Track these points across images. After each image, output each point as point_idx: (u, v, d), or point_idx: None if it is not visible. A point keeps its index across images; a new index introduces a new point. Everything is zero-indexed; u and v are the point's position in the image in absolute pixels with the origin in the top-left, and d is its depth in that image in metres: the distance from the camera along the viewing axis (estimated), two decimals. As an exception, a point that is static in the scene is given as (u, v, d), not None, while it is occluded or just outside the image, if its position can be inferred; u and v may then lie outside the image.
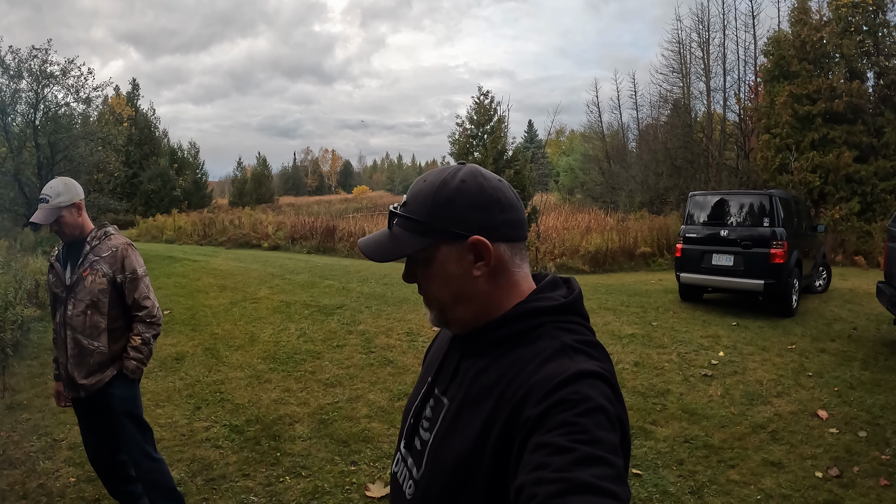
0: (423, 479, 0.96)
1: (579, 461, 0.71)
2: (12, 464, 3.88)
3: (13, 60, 16.93)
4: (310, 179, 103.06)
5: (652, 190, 24.45)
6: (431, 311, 1.02)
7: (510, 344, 0.95)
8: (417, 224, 0.97)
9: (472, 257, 0.96)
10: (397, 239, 0.98)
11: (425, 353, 1.28)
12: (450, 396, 0.99)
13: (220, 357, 6.25)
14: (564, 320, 0.97)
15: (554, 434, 0.75)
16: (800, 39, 16.99)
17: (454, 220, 0.96)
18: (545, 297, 0.99)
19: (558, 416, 0.77)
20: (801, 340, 6.77)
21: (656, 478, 3.68)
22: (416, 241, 0.96)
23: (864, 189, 15.91)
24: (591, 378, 0.83)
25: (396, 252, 0.97)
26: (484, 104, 18.49)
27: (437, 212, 0.96)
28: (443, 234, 0.96)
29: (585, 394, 0.79)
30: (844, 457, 3.94)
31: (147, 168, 37.74)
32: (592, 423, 0.76)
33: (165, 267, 12.70)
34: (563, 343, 0.90)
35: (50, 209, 2.68)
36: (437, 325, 1.05)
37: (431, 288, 0.99)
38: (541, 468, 0.72)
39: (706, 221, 8.73)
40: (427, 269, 0.98)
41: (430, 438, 0.98)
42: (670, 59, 26.07)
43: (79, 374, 2.73)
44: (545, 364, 0.87)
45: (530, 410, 0.81)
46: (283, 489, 3.54)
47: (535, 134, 57.43)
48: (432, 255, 0.97)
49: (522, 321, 0.96)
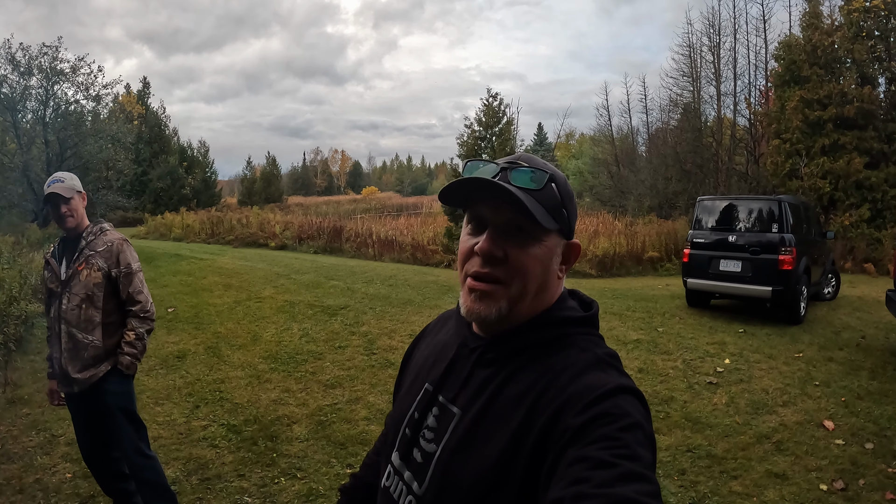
0: (430, 494, 0.91)
1: (622, 477, 0.70)
2: (10, 458, 3.89)
3: (24, 57, 17.03)
4: (319, 180, 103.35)
5: (661, 194, 24.32)
6: (500, 294, 0.92)
7: (535, 352, 0.93)
8: (558, 202, 0.94)
9: (562, 257, 0.97)
10: (533, 206, 0.89)
11: (406, 357, 1.23)
12: (461, 405, 0.95)
13: (222, 356, 6.24)
14: (588, 332, 0.96)
15: (595, 448, 0.74)
16: (811, 44, 16.86)
17: (573, 215, 0.97)
18: (568, 308, 0.98)
19: (599, 430, 0.76)
20: (808, 349, 6.68)
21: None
22: (549, 218, 0.92)
23: (874, 196, 15.75)
24: (629, 394, 0.83)
25: (545, 220, 0.90)
26: (492, 106, 18.40)
27: (568, 201, 0.96)
28: (566, 224, 0.96)
29: (625, 409, 0.79)
30: (850, 469, 3.86)
31: (156, 166, 37.90)
32: (633, 440, 0.75)
33: (172, 265, 12.72)
34: (597, 356, 0.90)
35: (67, 187, 2.77)
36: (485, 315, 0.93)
37: (529, 267, 0.91)
38: (581, 482, 0.70)
39: (714, 226, 8.64)
40: (535, 248, 0.92)
41: (438, 451, 0.93)
42: (681, 63, 25.98)
43: (73, 369, 2.73)
44: (582, 375, 0.86)
45: (569, 421, 0.79)
46: (277, 490, 3.52)
47: (545, 137, 57.17)
48: (546, 239, 0.93)
49: (553, 329, 0.95)
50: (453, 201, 0.96)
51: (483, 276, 0.92)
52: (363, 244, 16.74)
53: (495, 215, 0.91)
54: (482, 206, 0.93)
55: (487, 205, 0.92)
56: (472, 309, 0.93)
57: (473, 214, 0.95)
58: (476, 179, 0.90)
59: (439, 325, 1.18)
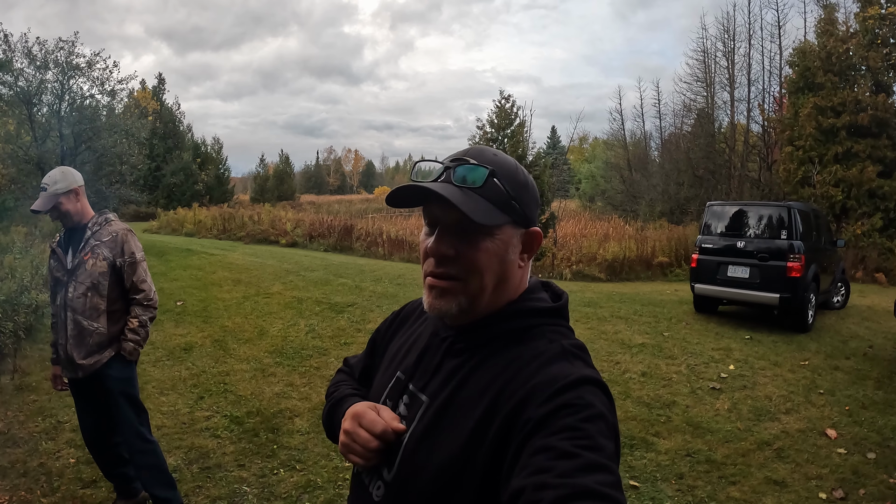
0: (398, 480, 0.93)
1: (584, 467, 0.70)
2: (16, 443, 3.96)
3: (40, 52, 17.22)
4: (332, 179, 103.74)
5: (672, 199, 24.25)
6: (458, 290, 0.93)
7: (503, 342, 0.94)
8: (504, 196, 0.93)
9: (521, 246, 0.97)
10: (476, 202, 0.89)
11: (372, 342, 1.25)
12: (429, 394, 0.96)
13: (228, 349, 6.29)
14: (556, 324, 0.97)
15: (557, 438, 0.74)
16: (826, 51, 16.77)
17: (527, 205, 0.96)
18: (537, 299, 0.99)
19: (562, 420, 0.76)
20: (814, 357, 6.63)
21: (654, 490, 3.62)
22: (496, 213, 0.91)
23: (887, 205, 15.62)
24: (593, 385, 0.83)
25: (488, 217, 0.89)
26: (505, 108, 18.38)
27: (518, 192, 0.95)
28: (519, 215, 0.95)
29: (588, 400, 0.80)
30: (851, 478, 3.84)
31: (170, 162, 38.23)
32: (595, 430, 0.76)
33: (182, 259, 12.82)
34: (563, 347, 0.90)
35: (48, 196, 2.77)
36: (445, 310, 0.94)
37: (482, 263, 0.91)
38: (543, 472, 0.71)
39: (723, 232, 8.59)
40: (486, 243, 0.91)
41: (405, 437, 0.94)
42: (695, 69, 25.96)
43: (77, 355, 2.78)
44: (547, 366, 0.86)
45: (533, 411, 0.79)
46: (276, 481, 3.55)
47: (558, 140, 57.15)
48: (498, 232, 0.92)
49: (520, 319, 0.95)
50: (404, 204, 0.96)
51: (438, 274, 0.93)
52: (373, 243, 16.79)
53: (444, 214, 0.92)
54: (432, 205, 0.94)
55: (435, 204, 0.93)
56: (432, 305, 0.95)
57: (427, 213, 0.96)
58: (411, 186, 0.90)
59: (418, 311, 1.19)
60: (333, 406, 1.14)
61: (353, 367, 1.30)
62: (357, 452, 0.95)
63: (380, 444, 0.93)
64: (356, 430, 0.95)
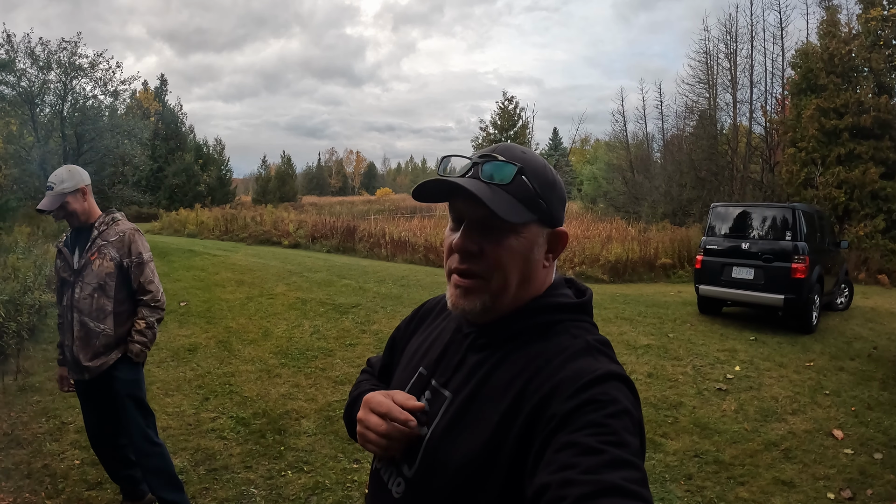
0: (419, 476, 0.92)
1: (609, 464, 0.70)
2: (20, 444, 3.94)
3: (43, 52, 17.26)
4: (333, 180, 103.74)
5: (675, 201, 24.20)
6: (482, 289, 0.92)
7: (526, 337, 0.93)
8: (532, 194, 0.92)
9: (546, 246, 0.96)
10: (503, 199, 0.89)
11: (392, 340, 1.25)
12: (452, 389, 0.95)
13: (233, 350, 6.28)
14: (580, 319, 0.96)
15: (582, 434, 0.74)
16: (828, 52, 16.73)
17: (555, 204, 0.95)
18: (560, 294, 0.98)
19: (587, 416, 0.76)
20: (819, 358, 6.62)
21: (663, 491, 3.61)
22: (523, 210, 0.91)
23: (889, 206, 15.57)
24: (618, 381, 0.82)
25: (515, 214, 0.89)
26: (508, 109, 18.42)
27: (546, 191, 0.94)
28: (545, 214, 0.94)
29: (614, 396, 0.79)
30: (858, 478, 3.83)
31: (172, 162, 38.23)
32: (621, 426, 0.75)
33: (185, 260, 12.81)
34: (588, 342, 0.90)
35: (55, 195, 2.74)
36: (469, 308, 0.94)
37: (506, 261, 0.91)
38: (568, 468, 0.70)
39: (727, 233, 8.58)
40: (512, 240, 0.91)
41: (428, 433, 0.93)
42: (697, 70, 25.84)
43: (84, 357, 2.76)
44: (571, 361, 0.86)
45: (557, 407, 0.79)
46: (284, 483, 3.54)
47: (560, 142, 57.06)
48: (524, 230, 0.92)
49: (544, 315, 0.95)
50: (431, 199, 0.96)
51: (462, 271, 0.93)
52: (376, 244, 16.76)
53: (470, 210, 0.91)
54: (458, 201, 0.93)
55: (462, 200, 0.92)
56: (456, 304, 0.94)
57: (453, 209, 0.95)
58: (439, 181, 0.90)
59: (438, 308, 1.18)
60: (352, 402, 1.14)
61: (374, 365, 1.30)
62: (371, 440, 0.95)
63: (388, 427, 0.92)
64: (367, 416, 0.95)
